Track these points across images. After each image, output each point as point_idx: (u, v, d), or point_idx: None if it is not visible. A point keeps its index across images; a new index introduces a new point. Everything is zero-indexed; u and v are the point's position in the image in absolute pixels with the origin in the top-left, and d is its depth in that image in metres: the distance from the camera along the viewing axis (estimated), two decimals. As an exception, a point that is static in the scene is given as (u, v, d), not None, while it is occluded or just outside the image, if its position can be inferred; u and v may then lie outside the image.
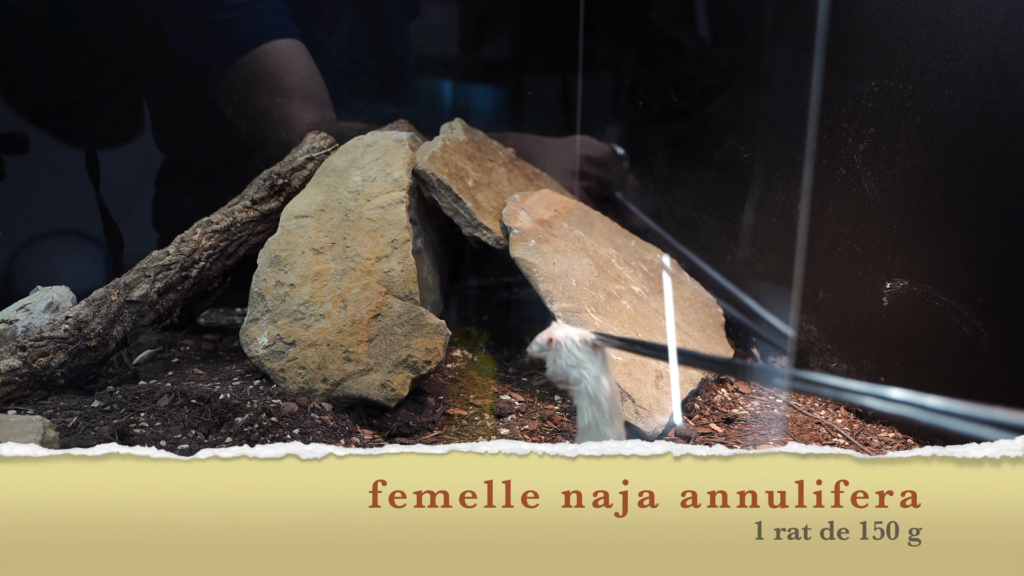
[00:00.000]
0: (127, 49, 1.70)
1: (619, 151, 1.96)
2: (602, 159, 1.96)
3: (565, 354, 1.02)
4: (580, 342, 1.01)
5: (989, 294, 1.22)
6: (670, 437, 1.32)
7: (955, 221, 1.25)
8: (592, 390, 1.00)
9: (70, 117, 1.69)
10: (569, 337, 1.02)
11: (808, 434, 1.36)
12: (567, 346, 1.02)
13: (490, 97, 2.16)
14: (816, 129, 1.47)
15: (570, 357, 1.02)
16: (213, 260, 1.42)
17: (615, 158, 1.97)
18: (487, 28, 2.09)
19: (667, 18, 1.93)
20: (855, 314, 1.45)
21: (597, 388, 1.00)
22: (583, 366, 1.01)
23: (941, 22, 1.24)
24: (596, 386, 1.00)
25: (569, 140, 1.97)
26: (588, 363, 1.01)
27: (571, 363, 1.01)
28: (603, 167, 1.96)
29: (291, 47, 1.77)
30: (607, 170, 1.97)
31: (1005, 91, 1.16)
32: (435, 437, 1.28)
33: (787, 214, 1.57)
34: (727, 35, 1.81)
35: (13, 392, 1.22)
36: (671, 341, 1.48)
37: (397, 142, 1.49)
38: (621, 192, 1.97)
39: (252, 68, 1.74)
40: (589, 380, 1.00)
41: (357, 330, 1.30)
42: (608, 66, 2.04)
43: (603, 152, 1.96)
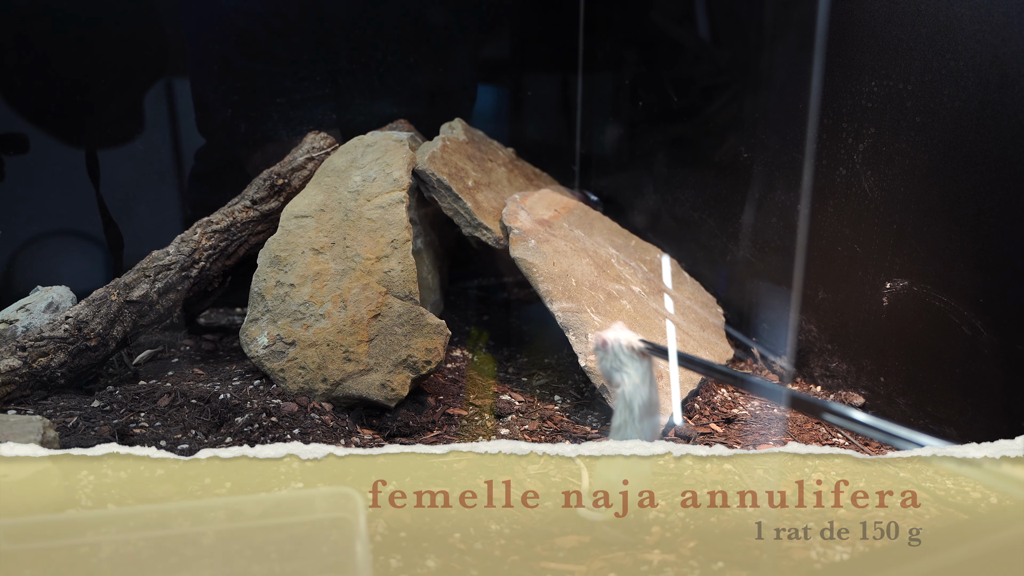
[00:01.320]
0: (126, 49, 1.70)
1: (592, 198, 1.93)
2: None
3: (611, 357, 1.06)
4: (627, 347, 1.05)
5: (989, 294, 1.22)
6: (670, 437, 1.32)
7: (955, 221, 1.25)
8: (628, 394, 1.03)
9: (70, 117, 1.69)
10: (618, 340, 1.05)
11: (808, 434, 1.36)
12: (614, 349, 1.05)
13: (490, 97, 2.16)
14: (816, 129, 1.47)
15: (615, 360, 1.05)
16: (213, 260, 1.42)
17: (588, 203, 1.91)
18: (487, 28, 2.09)
19: (667, 18, 1.93)
20: (855, 314, 1.45)
21: (633, 393, 1.03)
22: (625, 370, 1.04)
23: (941, 22, 1.24)
24: (633, 391, 1.03)
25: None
26: (631, 368, 1.04)
27: (615, 366, 1.05)
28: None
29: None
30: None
31: (1005, 91, 1.16)
32: (435, 437, 1.28)
33: (787, 214, 1.57)
34: (727, 35, 1.81)
35: (13, 392, 1.22)
36: (671, 341, 1.48)
37: (397, 142, 1.49)
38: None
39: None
40: (628, 385, 1.04)
41: (357, 330, 1.30)
42: (608, 66, 2.04)
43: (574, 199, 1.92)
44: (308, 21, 1.78)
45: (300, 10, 1.77)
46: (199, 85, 1.76)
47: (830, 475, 1.21)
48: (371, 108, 1.85)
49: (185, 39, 1.75)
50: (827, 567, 0.96)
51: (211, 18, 1.73)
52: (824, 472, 1.22)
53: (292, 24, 1.77)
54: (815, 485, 1.09)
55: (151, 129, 1.77)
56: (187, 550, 0.90)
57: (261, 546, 0.93)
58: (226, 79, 1.75)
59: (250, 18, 1.73)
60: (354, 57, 1.84)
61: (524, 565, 0.95)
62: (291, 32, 1.77)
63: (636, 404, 1.03)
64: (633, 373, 1.04)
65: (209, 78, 1.76)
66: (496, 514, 1.07)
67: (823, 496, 1.00)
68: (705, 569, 0.95)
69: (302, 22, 1.78)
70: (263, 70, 1.76)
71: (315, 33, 1.81)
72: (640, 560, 0.97)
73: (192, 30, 1.74)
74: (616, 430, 1.04)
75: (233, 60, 1.75)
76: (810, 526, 1.06)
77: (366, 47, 1.85)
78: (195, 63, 1.76)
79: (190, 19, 1.73)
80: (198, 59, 1.75)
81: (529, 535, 1.02)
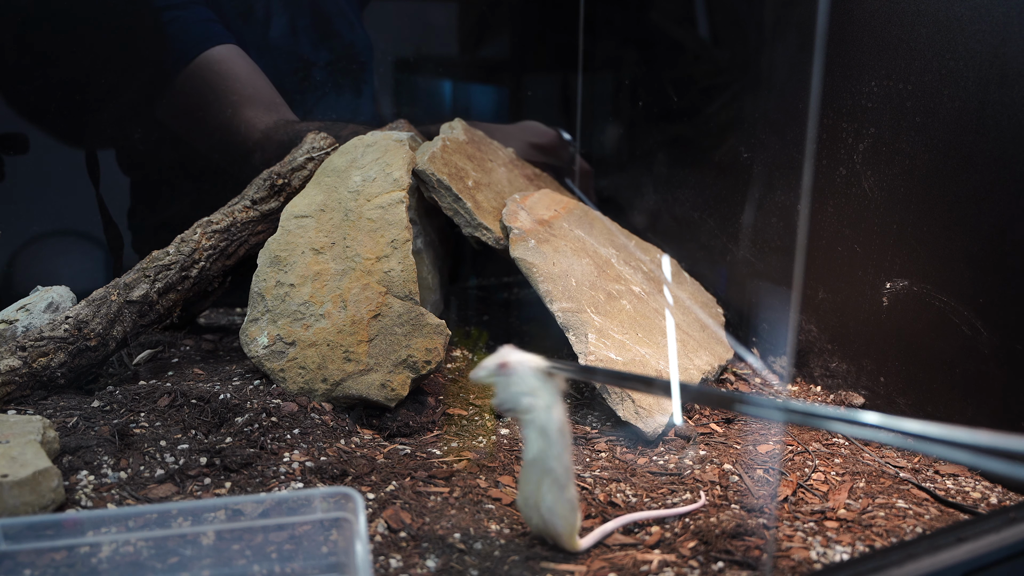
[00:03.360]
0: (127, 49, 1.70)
1: (565, 136, 1.89)
2: (548, 144, 1.89)
3: (517, 380, 0.95)
4: (534, 369, 0.95)
5: (989, 294, 1.22)
6: (670, 437, 1.32)
7: (955, 221, 1.26)
8: (542, 421, 0.94)
9: (70, 117, 1.69)
10: (523, 362, 0.96)
11: (808, 434, 1.36)
12: (520, 372, 0.95)
13: (490, 97, 2.16)
14: (816, 129, 1.47)
15: (523, 383, 0.95)
16: (213, 260, 1.42)
17: (561, 143, 1.90)
18: (487, 28, 2.08)
19: (667, 18, 1.93)
20: (855, 314, 1.45)
21: (547, 419, 0.94)
22: (536, 394, 0.95)
23: (941, 22, 1.25)
24: (547, 417, 0.94)
25: (516, 127, 1.92)
26: (541, 391, 0.95)
27: (523, 390, 0.95)
28: (550, 153, 1.90)
29: (227, 53, 1.71)
30: (554, 156, 1.91)
31: (1005, 91, 1.16)
32: (435, 437, 1.28)
33: (787, 214, 1.57)
34: (727, 35, 1.81)
35: (13, 392, 1.22)
36: (671, 341, 1.48)
37: (397, 142, 1.49)
38: (569, 178, 1.92)
39: (192, 84, 1.68)
40: (540, 410, 0.94)
41: (357, 330, 1.30)
42: (608, 66, 2.04)
43: (549, 137, 1.89)
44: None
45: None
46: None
47: (831, 475, 1.21)
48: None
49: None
50: (827, 567, 0.96)
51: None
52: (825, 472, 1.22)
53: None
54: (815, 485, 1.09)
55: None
56: (187, 550, 0.90)
57: (261, 546, 0.93)
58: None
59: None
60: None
61: (524, 565, 0.95)
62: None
63: (552, 430, 0.94)
64: (544, 396, 0.95)
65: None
66: (496, 514, 1.07)
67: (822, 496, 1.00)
68: (705, 569, 0.95)
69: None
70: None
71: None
72: (640, 560, 0.97)
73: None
74: (531, 463, 0.95)
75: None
76: (810, 526, 1.06)
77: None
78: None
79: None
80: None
81: (529, 535, 1.02)
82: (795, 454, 1.28)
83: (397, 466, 1.16)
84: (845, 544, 1.01)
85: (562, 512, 0.95)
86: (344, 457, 1.16)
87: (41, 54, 1.62)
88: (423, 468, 1.17)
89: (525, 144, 1.87)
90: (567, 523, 0.96)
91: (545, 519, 0.96)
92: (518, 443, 1.28)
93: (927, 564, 0.81)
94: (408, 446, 1.24)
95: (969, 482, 1.20)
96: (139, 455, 1.10)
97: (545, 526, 0.96)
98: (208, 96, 1.70)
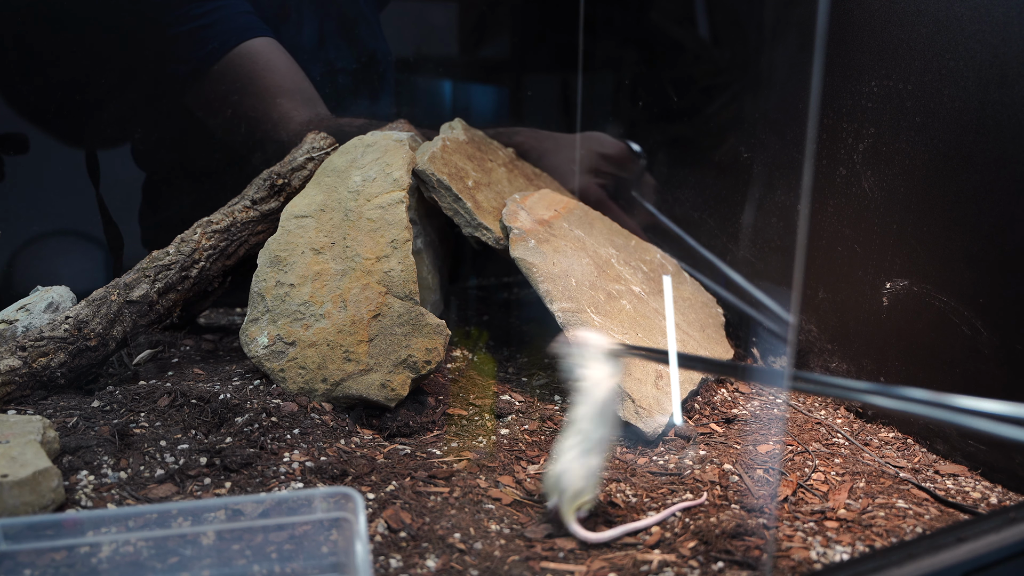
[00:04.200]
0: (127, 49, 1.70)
1: (635, 148, 1.87)
2: (617, 156, 1.86)
3: (577, 353, 1.11)
4: (596, 347, 1.09)
5: (989, 294, 1.22)
6: (670, 437, 1.32)
7: (955, 221, 1.26)
8: (589, 392, 1.07)
9: (70, 117, 1.69)
10: (587, 339, 1.11)
11: (808, 434, 1.36)
12: (586, 346, 1.11)
13: (490, 97, 2.16)
14: (816, 129, 1.47)
15: (580, 357, 1.10)
16: (213, 260, 1.42)
17: (631, 155, 1.88)
18: (487, 28, 2.08)
19: (667, 18, 1.93)
20: (855, 314, 1.45)
21: (596, 389, 1.07)
22: (593, 367, 1.09)
23: (941, 22, 1.25)
24: (596, 387, 1.07)
25: (584, 136, 1.89)
26: (595, 366, 1.08)
27: (579, 363, 1.10)
28: (618, 165, 1.87)
29: (267, 45, 1.73)
30: (622, 168, 1.88)
31: (1005, 91, 1.16)
32: (435, 437, 1.28)
33: (787, 214, 1.57)
34: (727, 35, 1.81)
35: (13, 392, 1.22)
36: (671, 341, 1.48)
37: (397, 142, 1.49)
38: (637, 191, 1.90)
39: (231, 73, 1.70)
40: (589, 382, 1.07)
41: (357, 330, 1.30)
42: (608, 66, 2.04)
43: (618, 149, 1.86)
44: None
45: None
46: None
47: (831, 474, 1.21)
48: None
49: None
50: (827, 567, 0.96)
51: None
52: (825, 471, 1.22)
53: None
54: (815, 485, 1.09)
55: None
56: (187, 550, 0.90)
57: (261, 546, 0.93)
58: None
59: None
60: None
61: (524, 565, 0.95)
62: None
63: (598, 398, 1.07)
64: (600, 370, 1.09)
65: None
66: (496, 514, 1.07)
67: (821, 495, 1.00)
68: (705, 569, 0.95)
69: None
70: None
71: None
72: (640, 560, 0.97)
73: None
74: (571, 424, 1.07)
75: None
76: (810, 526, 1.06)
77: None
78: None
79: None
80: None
81: (529, 536, 1.02)
82: (795, 454, 1.28)
83: (397, 466, 1.16)
84: (845, 544, 1.01)
85: (575, 473, 1.02)
86: (344, 457, 1.16)
87: (41, 54, 1.62)
88: (423, 468, 1.17)
89: (593, 154, 1.85)
90: (574, 489, 1.02)
91: (559, 475, 1.03)
92: (518, 443, 1.28)
93: (927, 564, 0.81)
94: (408, 446, 1.24)
95: (969, 482, 1.20)
96: (139, 455, 1.10)
97: (556, 483, 1.03)
98: (248, 86, 1.72)
